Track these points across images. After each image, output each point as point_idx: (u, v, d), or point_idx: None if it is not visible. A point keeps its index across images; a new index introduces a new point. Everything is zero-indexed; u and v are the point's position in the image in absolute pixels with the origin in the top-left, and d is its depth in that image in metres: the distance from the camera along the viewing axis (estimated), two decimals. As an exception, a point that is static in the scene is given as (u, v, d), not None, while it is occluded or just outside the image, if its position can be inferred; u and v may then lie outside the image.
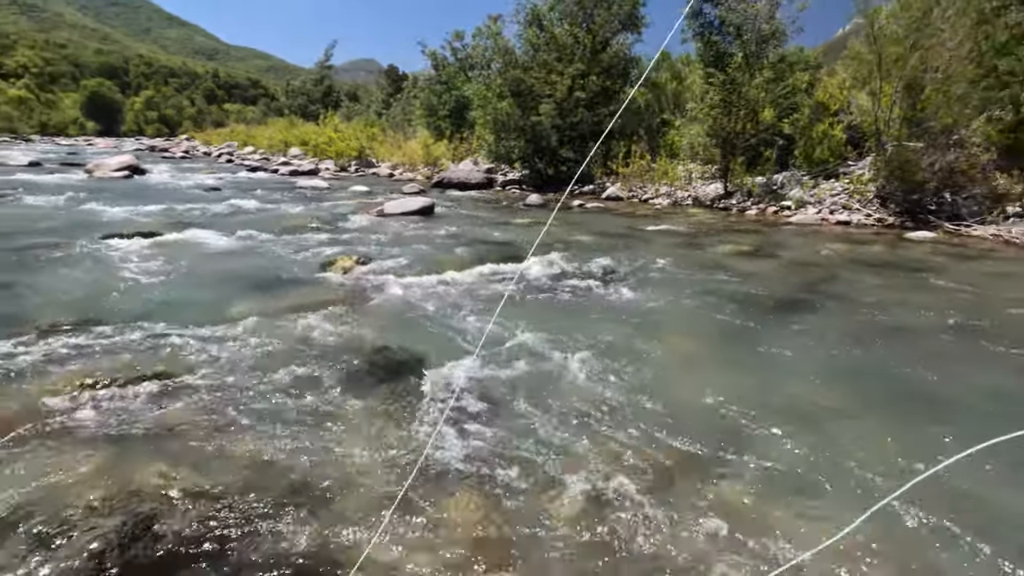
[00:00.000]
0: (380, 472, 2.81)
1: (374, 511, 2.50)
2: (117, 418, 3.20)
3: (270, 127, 42.05)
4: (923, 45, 10.98)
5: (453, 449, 3.02)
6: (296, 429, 3.16)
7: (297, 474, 2.77)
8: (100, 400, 3.38)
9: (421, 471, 2.78)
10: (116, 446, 2.94)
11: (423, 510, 2.54)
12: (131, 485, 2.64)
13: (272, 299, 5.49)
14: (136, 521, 2.41)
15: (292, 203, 12.98)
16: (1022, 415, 3.51)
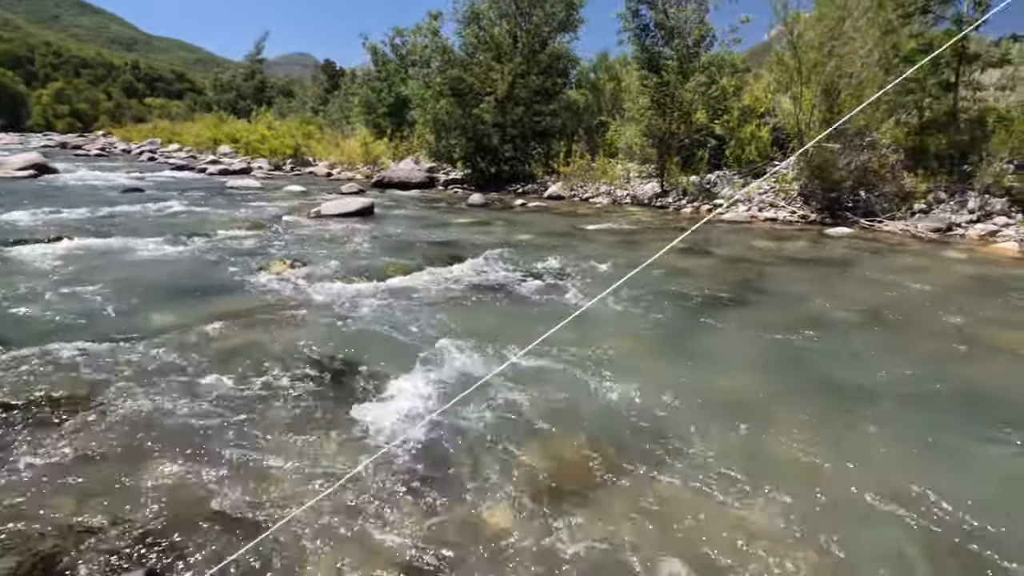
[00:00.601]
0: (311, 495, 2.68)
1: (307, 538, 2.38)
2: (15, 450, 2.90)
3: (197, 123, 39.81)
4: (838, 52, 11.70)
5: (390, 460, 2.93)
6: (219, 451, 2.97)
7: (221, 502, 2.59)
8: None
9: (355, 488, 2.68)
10: (15, 481, 2.66)
11: (357, 530, 2.44)
12: (34, 524, 2.39)
13: (195, 308, 5.17)
14: (39, 567, 2.19)
15: (221, 204, 12.32)
16: (925, 395, 3.79)
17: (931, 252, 8.99)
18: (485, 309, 5.55)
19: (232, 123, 33.60)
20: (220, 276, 6.32)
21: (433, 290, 6.04)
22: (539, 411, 3.45)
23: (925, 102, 12.52)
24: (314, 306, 5.37)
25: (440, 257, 7.56)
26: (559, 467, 2.93)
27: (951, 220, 10.75)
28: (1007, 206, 10.72)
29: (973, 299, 6.28)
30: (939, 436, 3.29)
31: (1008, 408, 3.71)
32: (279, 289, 5.87)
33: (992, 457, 3.16)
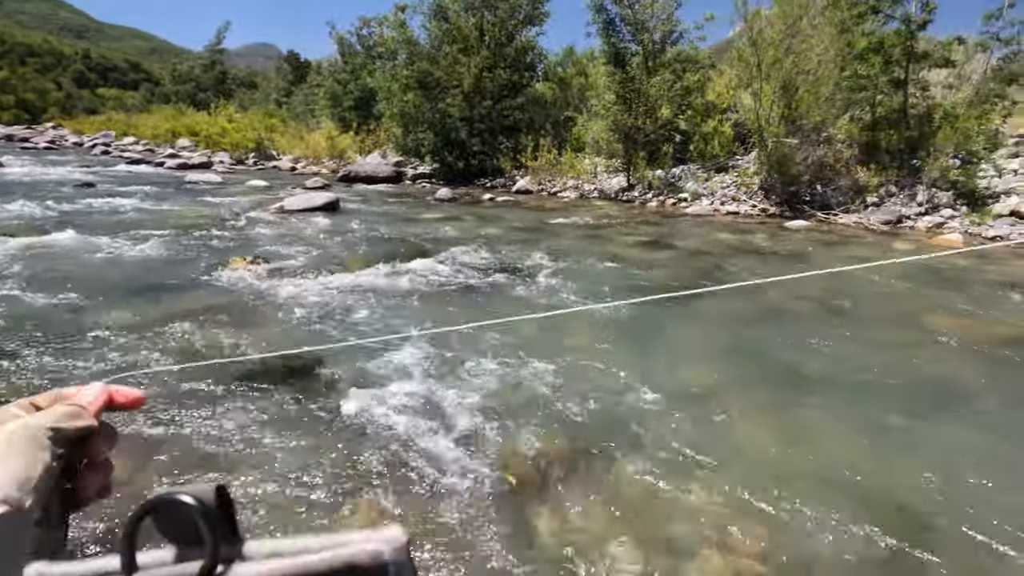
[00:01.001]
0: (271, 503, 2.66)
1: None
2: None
3: (155, 115, 38.42)
4: (796, 50, 12.04)
5: (352, 462, 2.93)
6: (172, 464, 2.92)
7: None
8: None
9: (323, 492, 2.68)
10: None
11: (321, 531, 2.44)
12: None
13: (149, 308, 5.03)
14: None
15: (179, 200, 11.95)
16: (873, 381, 3.98)
17: (882, 243, 9.37)
18: (451, 308, 5.55)
19: (191, 115, 32.58)
20: (176, 275, 6.15)
21: (399, 287, 6.01)
22: (498, 405, 3.50)
23: (877, 99, 12.99)
24: (275, 304, 5.28)
25: (407, 253, 7.52)
26: (520, 460, 2.98)
27: (901, 212, 11.22)
28: (952, 199, 11.23)
29: (919, 289, 6.59)
30: (886, 419, 3.47)
31: (947, 391, 3.93)
32: (239, 287, 5.75)
33: (932, 437, 3.35)
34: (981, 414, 3.61)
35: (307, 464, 2.84)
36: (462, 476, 2.80)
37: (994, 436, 3.33)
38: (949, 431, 3.40)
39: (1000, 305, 6.02)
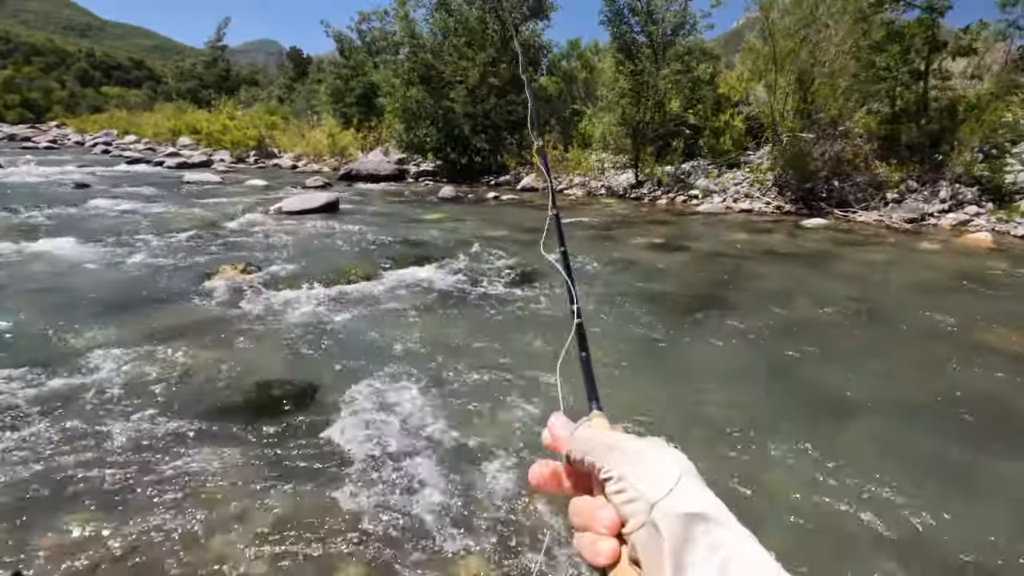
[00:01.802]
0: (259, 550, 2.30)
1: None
2: None
3: (157, 113, 38.23)
4: (812, 40, 11.55)
5: (347, 492, 2.57)
6: (149, 500, 2.57)
7: (146, 562, 2.20)
8: None
9: (312, 534, 2.32)
10: None
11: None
12: None
13: (133, 322, 4.69)
14: None
15: (176, 201, 11.62)
16: (915, 404, 3.58)
17: (907, 244, 8.92)
18: (457, 319, 5.18)
19: (193, 113, 32.26)
20: (164, 284, 5.80)
21: (401, 297, 5.64)
22: (510, 431, 3.12)
23: (896, 91, 12.48)
24: (266, 318, 4.93)
25: (409, 258, 7.15)
26: (532, 497, 2.60)
27: (923, 210, 10.75)
28: (977, 195, 10.75)
29: (954, 295, 6.16)
30: (939, 451, 3.07)
31: (998, 417, 3.52)
32: (228, 299, 5.39)
33: (996, 474, 2.95)
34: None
35: (288, 521, 2.47)
36: (476, 512, 2.44)
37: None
38: (1015, 467, 3.01)
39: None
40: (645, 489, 0.38)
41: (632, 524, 0.37)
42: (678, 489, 0.37)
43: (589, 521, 0.40)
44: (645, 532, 0.36)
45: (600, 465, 0.41)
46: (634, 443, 0.42)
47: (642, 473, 0.39)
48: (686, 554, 0.34)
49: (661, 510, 0.36)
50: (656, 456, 0.40)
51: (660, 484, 0.37)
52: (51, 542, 2.32)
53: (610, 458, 0.41)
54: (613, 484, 0.40)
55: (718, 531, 0.35)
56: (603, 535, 0.39)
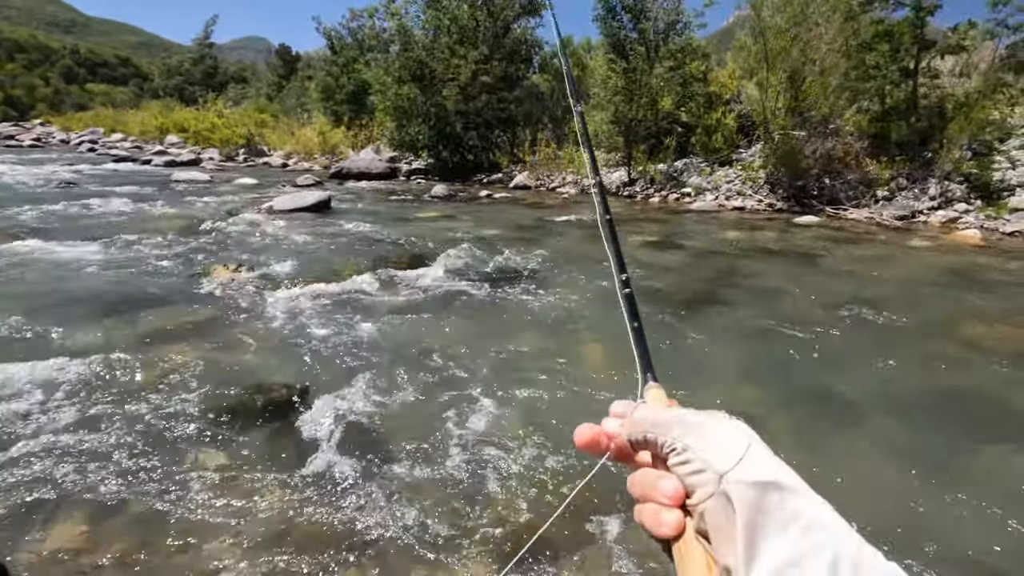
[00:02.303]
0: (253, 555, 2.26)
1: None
2: None
3: (143, 111, 37.70)
4: (803, 38, 11.60)
5: (339, 504, 2.53)
6: (142, 505, 2.51)
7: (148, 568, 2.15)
8: None
9: (307, 541, 2.28)
10: None
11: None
12: None
13: (125, 323, 4.61)
14: None
15: (164, 200, 11.46)
16: (913, 402, 3.60)
17: (898, 241, 8.99)
18: (450, 319, 5.14)
19: (180, 111, 31.86)
20: (154, 285, 5.71)
21: (396, 296, 5.59)
22: (504, 434, 3.09)
23: (886, 89, 12.58)
24: (258, 319, 4.86)
25: (402, 257, 7.10)
26: (539, 505, 2.58)
27: (914, 207, 10.84)
28: (966, 192, 10.86)
29: (944, 292, 6.21)
30: (939, 448, 3.09)
31: (990, 410, 3.55)
32: (220, 299, 5.32)
33: (994, 469, 2.97)
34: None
35: (283, 526, 2.43)
36: (475, 524, 2.41)
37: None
38: (1007, 458, 3.02)
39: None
40: (713, 459, 0.36)
41: (700, 494, 0.36)
42: (748, 458, 0.36)
43: (651, 492, 0.40)
44: (714, 502, 0.35)
45: (662, 440, 0.40)
46: (696, 415, 0.41)
47: (708, 444, 0.38)
48: (760, 523, 0.33)
49: (731, 480, 0.35)
50: (721, 427, 0.39)
51: (728, 454, 0.36)
52: (40, 547, 2.27)
53: (672, 431, 0.40)
54: (677, 456, 0.39)
55: (794, 499, 0.34)
56: (666, 506, 0.38)
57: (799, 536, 0.32)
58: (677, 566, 0.38)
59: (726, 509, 0.34)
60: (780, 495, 0.33)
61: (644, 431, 0.42)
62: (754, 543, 0.32)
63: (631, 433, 0.43)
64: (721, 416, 0.41)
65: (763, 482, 0.34)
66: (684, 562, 0.37)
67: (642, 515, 0.40)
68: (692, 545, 0.37)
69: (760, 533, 0.32)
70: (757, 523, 0.33)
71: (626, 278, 0.64)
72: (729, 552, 0.33)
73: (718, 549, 0.35)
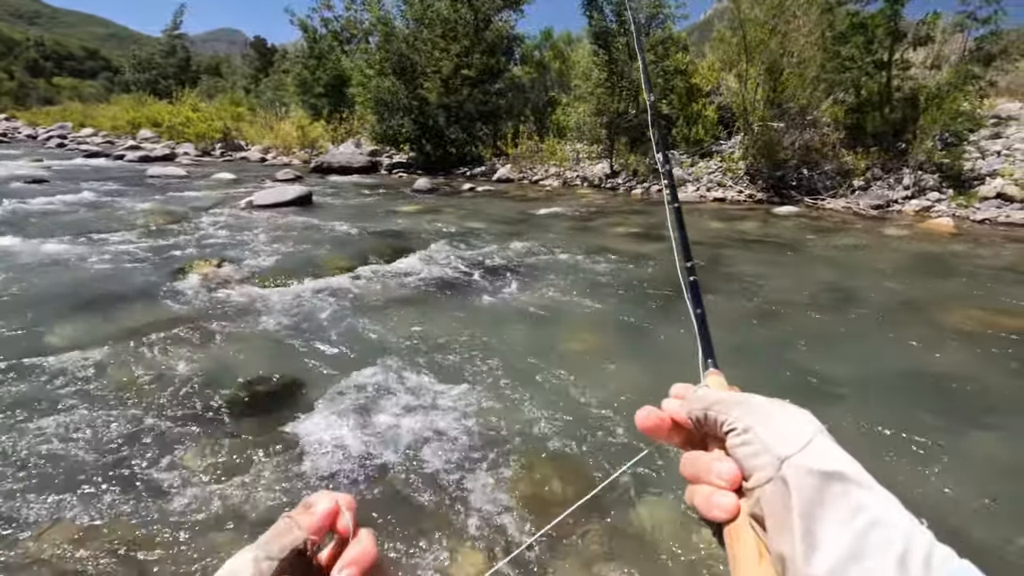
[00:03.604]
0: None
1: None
2: None
3: (114, 105, 36.71)
4: (782, 30, 11.74)
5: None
6: (124, 506, 2.48)
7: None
8: None
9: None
10: None
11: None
12: None
13: (104, 321, 4.52)
14: None
15: (141, 195, 11.21)
16: (892, 384, 3.71)
17: (873, 229, 9.20)
18: (437, 313, 5.14)
19: (153, 105, 31.07)
20: (134, 282, 5.60)
21: (381, 291, 5.57)
22: (500, 430, 3.12)
23: (861, 80, 12.81)
24: (243, 315, 4.80)
25: (386, 251, 7.05)
26: (523, 497, 2.61)
27: (889, 196, 11.09)
28: (939, 182, 11.14)
29: (919, 279, 6.38)
30: (913, 425, 3.19)
31: (964, 392, 3.67)
32: (202, 295, 5.24)
33: (954, 441, 3.08)
34: (1011, 419, 3.35)
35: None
36: (465, 519, 2.43)
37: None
38: (981, 437, 3.14)
39: (1005, 293, 5.83)
40: (774, 443, 0.35)
41: (757, 478, 0.35)
42: (812, 446, 0.35)
43: (705, 473, 0.39)
44: (772, 487, 0.34)
45: (723, 418, 0.39)
46: (761, 399, 0.40)
47: (771, 427, 0.37)
48: (820, 514, 0.31)
49: (792, 465, 0.34)
50: (787, 413, 0.38)
51: (792, 439, 0.35)
52: (21, 550, 2.23)
53: (735, 412, 0.39)
54: (737, 436, 0.38)
55: (859, 492, 0.32)
56: (721, 488, 0.37)
57: (864, 530, 0.30)
58: (728, 551, 0.37)
59: (784, 495, 0.33)
60: (844, 486, 0.32)
61: (704, 408, 0.41)
62: (813, 533, 0.31)
63: (691, 410, 0.42)
64: (788, 404, 0.39)
65: (827, 471, 0.33)
66: (735, 547, 0.36)
67: (694, 496, 0.39)
68: (745, 530, 0.36)
69: (819, 524, 0.31)
70: (816, 513, 0.31)
71: (691, 265, 0.64)
72: (785, 540, 0.32)
73: (773, 536, 0.33)
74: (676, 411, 0.44)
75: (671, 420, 0.45)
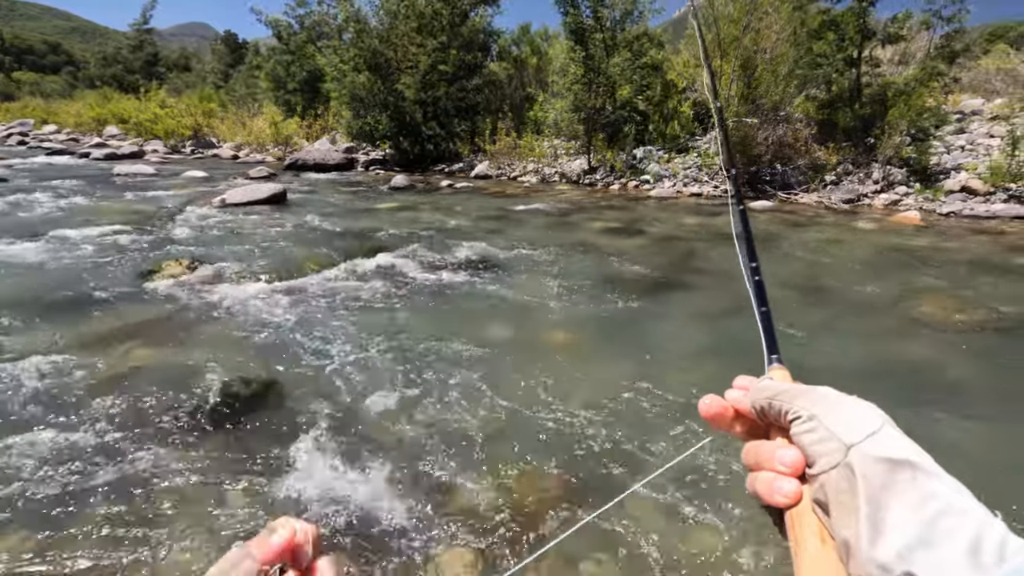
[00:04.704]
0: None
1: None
2: None
3: (78, 101, 35.53)
4: (755, 27, 11.89)
5: (308, 504, 2.48)
6: (93, 516, 2.39)
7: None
8: None
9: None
10: None
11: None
12: None
13: (66, 325, 4.37)
14: None
15: (107, 195, 10.87)
16: (868, 373, 3.79)
17: (845, 223, 9.39)
18: (414, 312, 5.08)
19: (120, 101, 30.14)
20: (99, 284, 5.41)
21: (358, 290, 5.48)
22: (476, 429, 3.09)
23: (832, 77, 13.06)
24: (213, 317, 4.68)
25: (363, 249, 6.96)
26: (506, 498, 2.59)
27: (859, 191, 11.34)
28: (906, 176, 11.43)
29: (889, 270, 6.53)
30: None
31: (939, 381, 3.77)
32: (173, 297, 5.10)
33: (924, 429, 3.16)
34: (978, 405, 3.45)
35: (248, 533, 2.36)
36: (441, 525, 2.40)
37: (992, 428, 3.17)
38: (950, 423, 3.22)
39: (970, 285, 6.00)
40: (840, 431, 0.35)
41: (823, 463, 0.35)
42: (880, 435, 0.35)
43: (767, 460, 0.39)
44: (838, 473, 0.34)
45: (787, 407, 0.39)
46: (826, 390, 0.40)
47: (837, 416, 0.37)
48: (887, 500, 0.31)
49: (859, 452, 0.34)
50: (854, 403, 0.38)
51: (859, 428, 0.35)
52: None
53: (799, 401, 0.39)
54: (802, 423, 0.38)
55: (928, 480, 0.32)
56: (784, 475, 0.37)
57: (934, 517, 0.30)
58: (789, 536, 0.37)
59: (851, 481, 0.33)
60: (913, 474, 0.32)
61: (769, 398, 0.42)
62: (880, 519, 0.31)
63: (755, 399, 0.43)
64: (854, 396, 0.39)
65: (895, 459, 0.33)
66: (797, 532, 0.36)
67: (755, 483, 0.39)
68: (807, 515, 0.36)
69: (887, 510, 0.31)
70: (883, 499, 0.31)
71: (756, 265, 0.66)
72: (850, 525, 0.32)
73: (837, 522, 0.33)
74: (739, 400, 0.45)
75: (734, 409, 0.45)
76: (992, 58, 17.83)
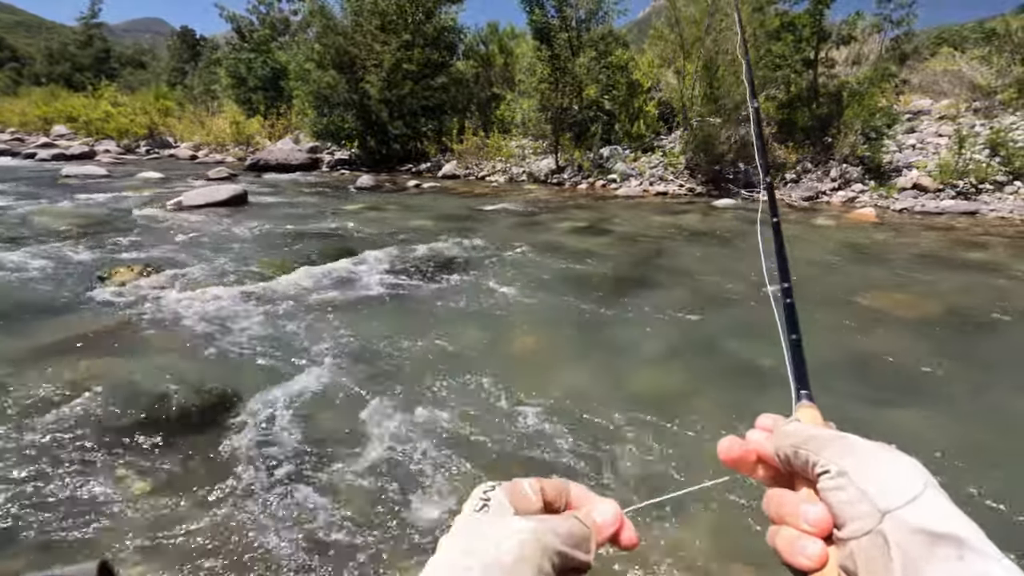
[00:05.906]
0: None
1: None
2: None
3: (23, 99, 33.83)
4: (716, 28, 12.10)
5: (269, 519, 2.37)
6: (50, 530, 2.24)
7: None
8: None
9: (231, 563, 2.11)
10: None
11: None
12: None
13: (8, 336, 4.12)
14: None
15: (54, 198, 10.35)
16: (830, 368, 3.87)
17: (805, 220, 9.64)
18: (379, 317, 4.97)
19: (68, 99, 28.84)
20: (48, 292, 5.13)
21: (320, 294, 5.33)
22: (440, 434, 3.03)
23: (791, 77, 13.40)
24: (167, 324, 4.48)
25: (326, 252, 6.79)
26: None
27: (818, 188, 11.67)
28: (862, 174, 11.81)
29: (847, 265, 6.72)
30: (847, 406, 3.32)
31: (897, 373, 3.88)
32: (124, 305, 4.86)
33: (887, 418, 3.24)
34: (932, 395, 3.56)
35: (201, 549, 2.25)
36: (403, 530, 2.33)
37: (953, 417, 3.27)
38: (907, 414, 3.31)
39: (921, 280, 6.22)
40: (874, 492, 0.31)
41: (853, 528, 0.31)
42: (921, 500, 0.30)
43: (791, 516, 0.35)
44: (870, 541, 0.30)
45: (815, 459, 0.35)
46: (860, 440, 0.36)
47: (871, 473, 0.32)
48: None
49: (896, 520, 0.29)
50: (892, 459, 0.33)
51: (896, 490, 0.31)
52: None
53: (829, 451, 0.35)
54: (831, 479, 0.33)
55: (978, 560, 0.28)
56: (808, 534, 0.33)
57: None
58: None
59: (884, 552, 0.29)
60: (959, 552, 0.28)
61: (795, 446, 0.37)
62: None
63: (779, 446, 0.38)
64: (891, 448, 0.35)
65: (937, 533, 0.28)
66: None
67: (776, 539, 0.35)
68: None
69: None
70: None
71: (788, 286, 0.57)
72: None
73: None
74: (761, 444, 0.41)
75: (756, 454, 0.41)
76: (939, 60, 18.59)
